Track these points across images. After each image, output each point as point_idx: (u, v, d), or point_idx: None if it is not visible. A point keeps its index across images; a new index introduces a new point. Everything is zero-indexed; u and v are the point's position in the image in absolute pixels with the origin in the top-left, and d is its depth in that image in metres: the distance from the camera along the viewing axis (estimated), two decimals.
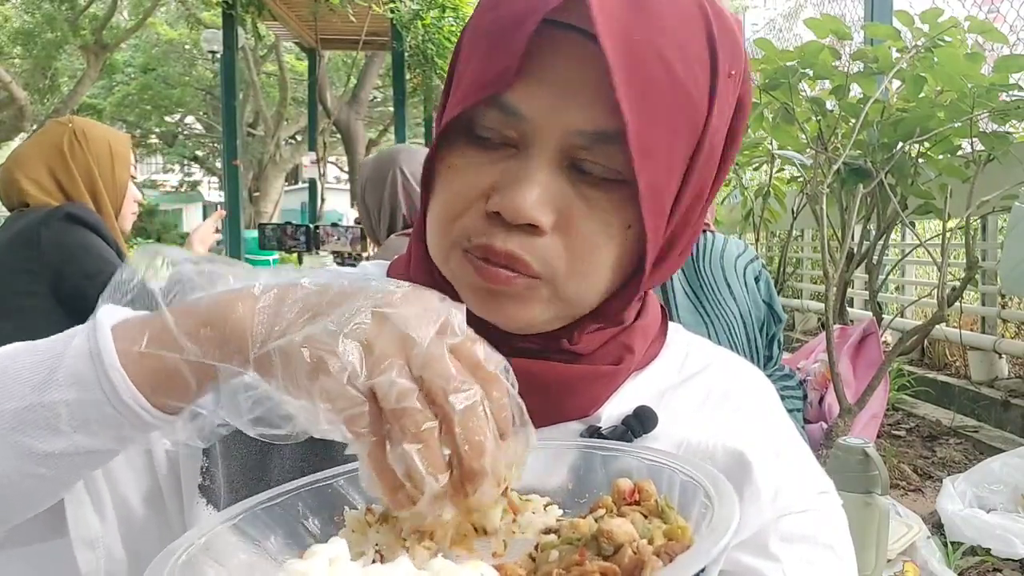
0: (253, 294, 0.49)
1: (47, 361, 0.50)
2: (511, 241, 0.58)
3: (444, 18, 8.22)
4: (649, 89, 0.55)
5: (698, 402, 0.70)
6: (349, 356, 0.44)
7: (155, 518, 0.65)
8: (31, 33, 14.86)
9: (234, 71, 7.81)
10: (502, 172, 0.59)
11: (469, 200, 0.60)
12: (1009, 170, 3.06)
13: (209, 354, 0.48)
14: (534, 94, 0.57)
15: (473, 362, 0.47)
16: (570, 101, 0.57)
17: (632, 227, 0.60)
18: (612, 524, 0.43)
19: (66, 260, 2.02)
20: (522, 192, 0.57)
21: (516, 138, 0.59)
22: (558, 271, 0.59)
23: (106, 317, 0.51)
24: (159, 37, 17.90)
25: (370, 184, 2.35)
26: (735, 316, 2.20)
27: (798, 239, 6.61)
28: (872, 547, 1.60)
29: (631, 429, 0.65)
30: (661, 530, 0.44)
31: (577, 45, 0.56)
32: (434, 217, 0.63)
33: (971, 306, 4.64)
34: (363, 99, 12.68)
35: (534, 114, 0.57)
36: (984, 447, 3.76)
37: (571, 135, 0.57)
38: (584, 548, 0.43)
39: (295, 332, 0.46)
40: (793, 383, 2.47)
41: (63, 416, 0.49)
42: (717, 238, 2.29)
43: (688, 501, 0.47)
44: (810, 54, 3.10)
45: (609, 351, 0.67)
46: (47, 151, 2.15)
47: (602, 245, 0.60)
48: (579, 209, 0.59)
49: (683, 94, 0.57)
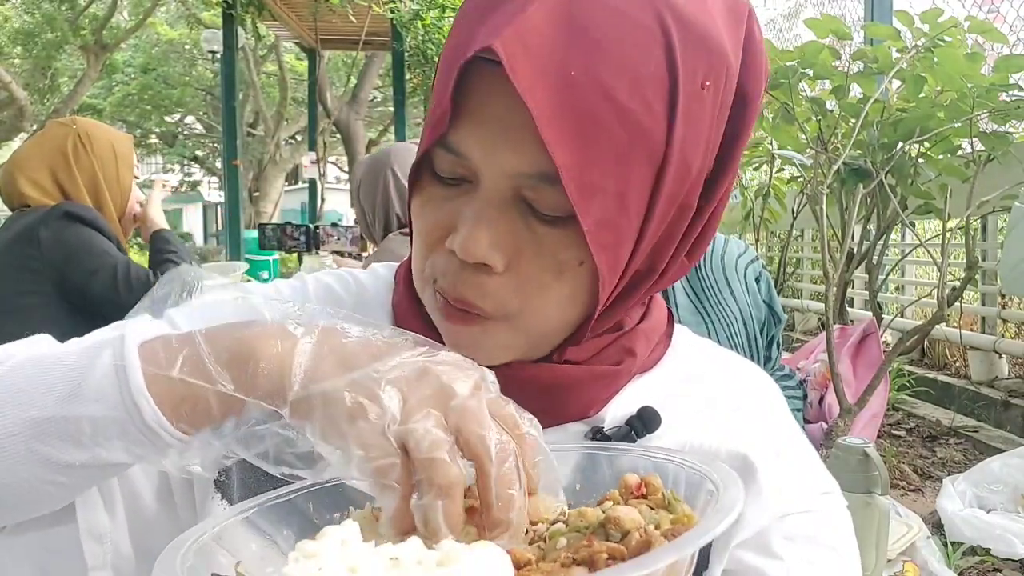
0: (292, 334, 0.50)
1: (74, 375, 0.50)
2: (464, 284, 0.58)
3: (444, 18, 8.21)
4: (587, 124, 0.53)
5: (702, 404, 0.70)
6: (389, 403, 0.45)
7: (165, 514, 0.65)
8: (31, 33, 14.86)
9: (234, 71, 7.81)
10: (458, 210, 0.59)
11: (433, 238, 0.61)
12: (1009, 170, 3.06)
13: (242, 389, 0.48)
14: (473, 135, 0.56)
15: (508, 420, 0.47)
16: (506, 143, 0.55)
17: (584, 263, 0.58)
18: (619, 511, 0.44)
19: (67, 258, 2.02)
20: (474, 233, 0.56)
21: (467, 176, 0.59)
22: (511, 310, 0.59)
23: (133, 333, 0.51)
24: (159, 37, 17.90)
25: (364, 185, 2.37)
26: (735, 316, 2.20)
27: (798, 239, 6.60)
28: (872, 547, 1.59)
29: (634, 430, 0.65)
30: (668, 519, 0.45)
31: (510, 86, 0.53)
32: (414, 250, 0.64)
33: (971, 306, 4.64)
34: (363, 99, 12.68)
35: (475, 156, 0.57)
36: (984, 447, 3.76)
37: (511, 176, 0.56)
38: (592, 535, 0.43)
39: (339, 378, 0.47)
40: (793, 383, 2.47)
41: (86, 431, 0.49)
42: (718, 238, 2.29)
43: (694, 493, 0.48)
44: (810, 54, 3.09)
45: (609, 354, 0.67)
46: (49, 153, 2.14)
47: (551, 283, 0.59)
48: (530, 247, 0.58)
49: (631, 123, 0.54)
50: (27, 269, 2.03)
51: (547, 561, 0.43)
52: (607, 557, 0.41)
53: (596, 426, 0.66)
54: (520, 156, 0.55)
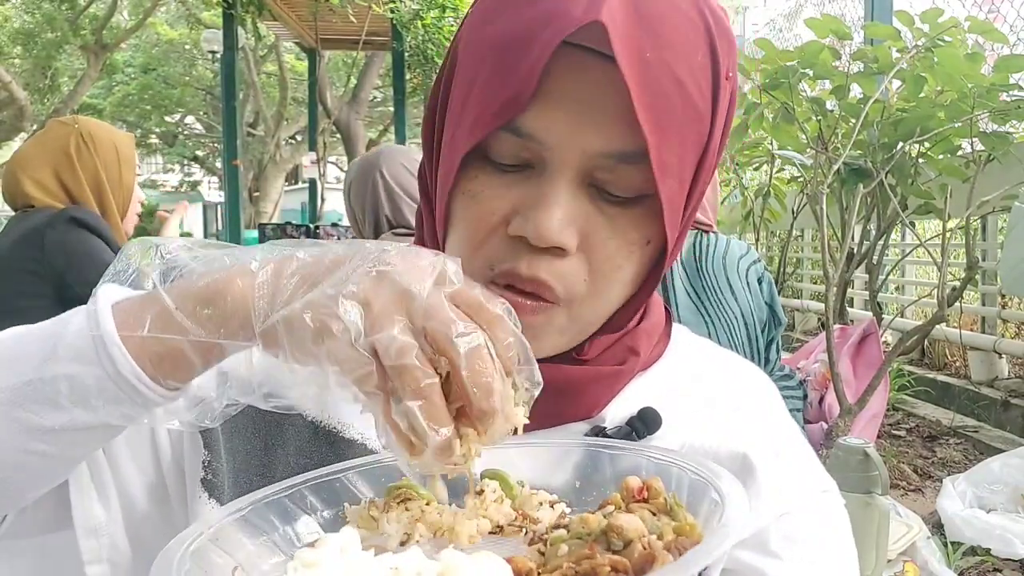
0: (250, 270, 0.50)
1: (48, 339, 0.50)
2: (537, 266, 0.58)
3: (444, 18, 8.21)
4: (662, 107, 0.55)
5: (701, 403, 0.70)
6: (350, 316, 0.45)
7: (159, 510, 0.65)
8: (31, 33, 14.85)
9: (234, 71, 7.80)
10: (522, 195, 0.58)
11: (489, 226, 0.59)
12: (1009, 170, 3.06)
13: (213, 333, 0.49)
14: (551, 117, 0.56)
15: (474, 306, 0.47)
16: (589, 124, 0.56)
17: (651, 242, 0.61)
18: (622, 519, 0.43)
19: (69, 265, 2.02)
20: (547, 214, 0.56)
21: (533, 159, 0.58)
22: (578, 293, 0.60)
23: (105, 296, 0.51)
24: (159, 37, 17.89)
25: (355, 187, 2.38)
26: (736, 316, 2.20)
27: (798, 239, 6.61)
28: (872, 547, 1.59)
29: (635, 430, 0.65)
30: (670, 527, 0.44)
31: (591, 66, 0.56)
32: (456, 246, 0.62)
33: (971, 306, 4.64)
34: (363, 99, 12.67)
35: (552, 138, 0.57)
36: (984, 447, 3.76)
37: (591, 157, 0.57)
38: (594, 543, 0.43)
39: (296, 301, 0.47)
40: (793, 383, 2.47)
41: (63, 391, 0.49)
42: (719, 239, 2.29)
43: (697, 499, 0.48)
44: (810, 54, 3.09)
45: (613, 354, 0.68)
46: (52, 153, 2.13)
47: (624, 263, 0.60)
48: (601, 229, 0.59)
49: (691, 107, 0.57)
50: (28, 271, 2.02)
51: (548, 569, 0.42)
52: (610, 570, 0.40)
53: (597, 426, 0.66)
54: (604, 136, 0.57)
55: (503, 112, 0.56)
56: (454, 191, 0.61)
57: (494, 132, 0.57)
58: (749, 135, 3.80)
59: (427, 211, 0.68)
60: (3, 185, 2.19)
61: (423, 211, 0.69)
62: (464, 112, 0.60)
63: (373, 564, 0.41)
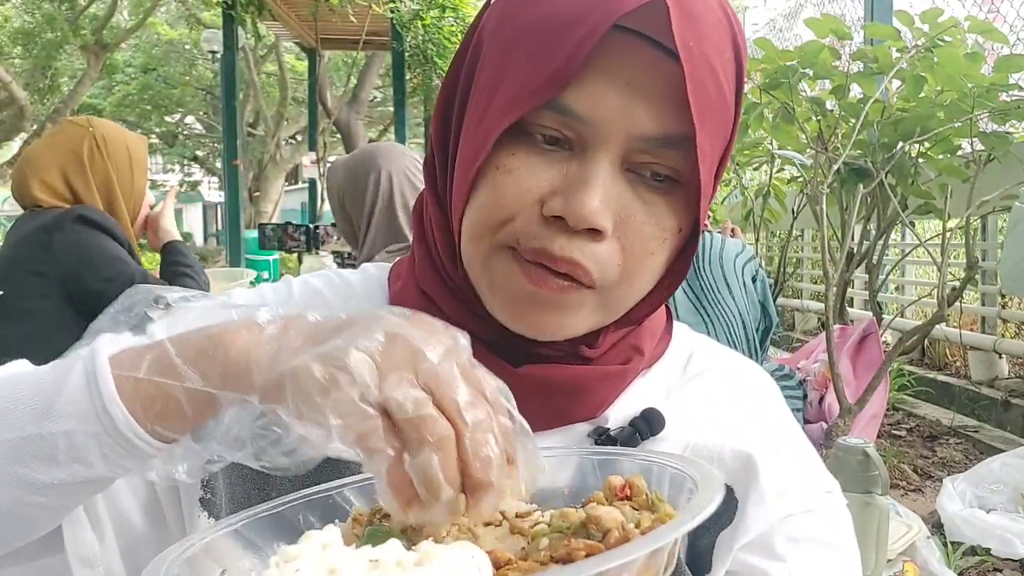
0: (258, 323, 0.49)
1: (47, 391, 0.49)
2: (572, 247, 0.57)
3: (444, 18, 8.21)
4: (703, 96, 0.56)
5: (704, 402, 0.70)
6: (361, 370, 0.44)
7: (155, 530, 0.64)
8: (31, 33, 14.85)
9: (234, 71, 7.80)
10: (561, 174, 0.58)
11: (523, 203, 0.58)
12: (1009, 170, 3.06)
13: (210, 382, 0.48)
14: (600, 95, 0.56)
15: (479, 386, 0.46)
16: (638, 105, 0.57)
17: (683, 230, 0.61)
18: (600, 511, 0.44)
19: (82, 264, 1.99)
20: (587, 195, 0.56)
21: (573, 139, 0.58)
22: (611, 278, 0.59)
23: (104, 346, 0.50)
24: (159, 37, 17.90)
25: (349, 191, 2.18)
26: (735, 316, 2.20)
27: (798, 239, 6.60)
28: (872, 547, 1.59)
29: (639, 431, 0.65)
30: (650, 518, 0.45)
31: (640, 49, 0.56)
32: (477, 218, 0.60)
33: (971, 306, 4.64)
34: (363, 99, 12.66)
35: (599, 117, 0.57)
36: (984, 447, 3.76)
37: (635, 139, 0.57)
38: (573, 535, 0.43)
39: (305, 354, 0.46)
40: (793, 383, 2.47)
41: (61, 447, 0.48)
42: (715, 238, 2.29)
43: (676, 492, 0.48)
44: (810, 54, 3.10)
45: (619, 352, 0.68)
46: (62, 154, 2.10)
47: (656, 249, 0.60)
48: (638, 213, 0.59)
49: (722, 99, 0.58)
50: (35, 273, 2.00)
51: (529, 562, 0.43)
52: (585, 554, 0.41)
53: (601, 427, 0.65)
54: (652, 119, 0.57)
55: (547, 87, 0.56)
56: (484, 166, 0.59)
57: (537, 109, 0.57)
58: (749, 135, 3.80)
59: (433, 199, 0.67)
60: (13, 183, 2.17)
61: (428, 200, 0.68)
62: (499, 90, 0.59)
63: (353, 557, 0.41)
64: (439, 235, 0.66)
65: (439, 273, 0.66)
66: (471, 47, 0.64)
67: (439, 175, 0.66)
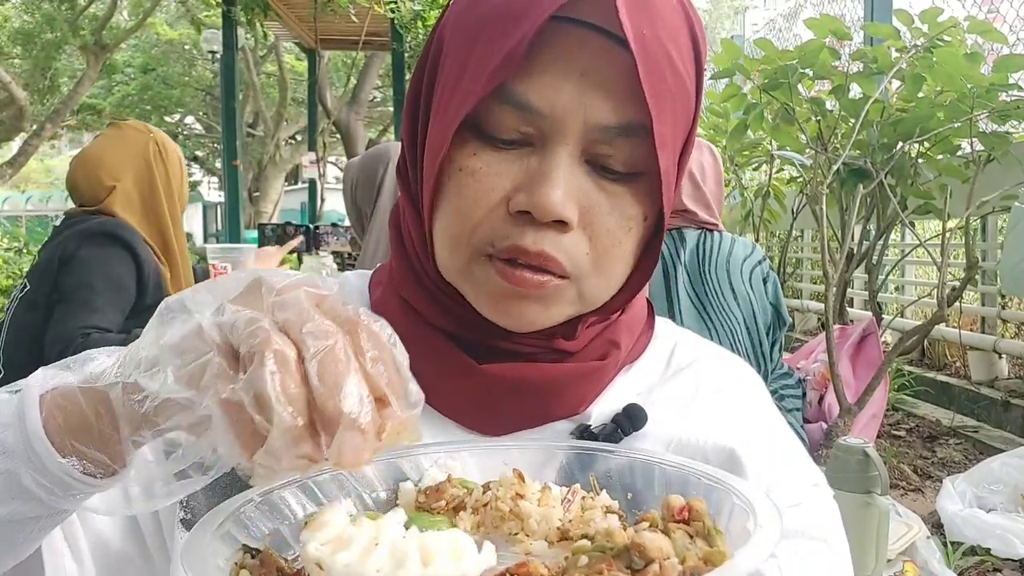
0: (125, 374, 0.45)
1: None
2: (543, 240, 0.58)
3: None
4: (659, 82, 0.57)
5: (687, 396, 0.70)
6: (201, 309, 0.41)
7: (136, 552, 0.64)
8: (31, 33, 14.85)
9: (234, 71, 7.80)
10: (523, 170, 0.58)
11: (489, 204, 0.59)
12: (1009, 170, 3.06)
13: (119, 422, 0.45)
14: (555, 89, 0.57)
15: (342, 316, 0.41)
16: (593, 95, 0.57)
17: (648, 218, 0.62)
18: (646, 538, 0.41)
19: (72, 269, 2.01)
20: (549, 189, 0.56)
21: (533, 134, 0.59)
22: (583, 269, 0.60)
23: (36, 385, 0.49)
24: (159, 37, 17.89)
25: (362, 182, 2.31)
26: (738, 321, 2.20)
27: (798, 239, 6.61)
28: (872, 547, 1.59)
29: (620, 427, 0.65)
30: (699, 553, 0.42)
31: (590, 40, 0.57)
32: (449, 226, 0.61)
33: (971, 306, 4.64)
34: (363, 99, 12.65)
35: (556, 109, 0.57)
36: (984, 447, 3.76)
37: (593, 129, 0.58)
38: (614, 558, 0.42)
39: None
40: (792, 382, 2.46)
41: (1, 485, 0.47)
42: (724, 238, 2.27)
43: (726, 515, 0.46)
44: (810, 54, 3.09)
45: (595, 347, 0.68)
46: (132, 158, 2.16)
47: (622, 239, 0.61)
48: (601, 204, 0.59)
49: (680, 84, 0.59)
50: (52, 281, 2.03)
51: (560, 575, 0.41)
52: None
53: (583, 424, 0.65)
54: (607, 107, 0.57)
55: (497, 73, 0.56)
56: (448, 168, 0.60)
57: (495, 107, 0.58)
58: (749, 135, 3.80)
59: (407, 201, 0.67)
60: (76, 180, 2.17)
61: (403, 204, 0.68)
62: (457, 87, 0.60)
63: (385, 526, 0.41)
64: (415, 233, 0.66)
65: (417, 275, 0.67)
66: (432, 48, 0.65)
67: (411, 175, 0.67)
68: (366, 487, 0.53)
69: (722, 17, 21.63)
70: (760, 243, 6.27)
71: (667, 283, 2.19)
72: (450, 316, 0.65)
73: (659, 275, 2.20)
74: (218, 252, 2.61)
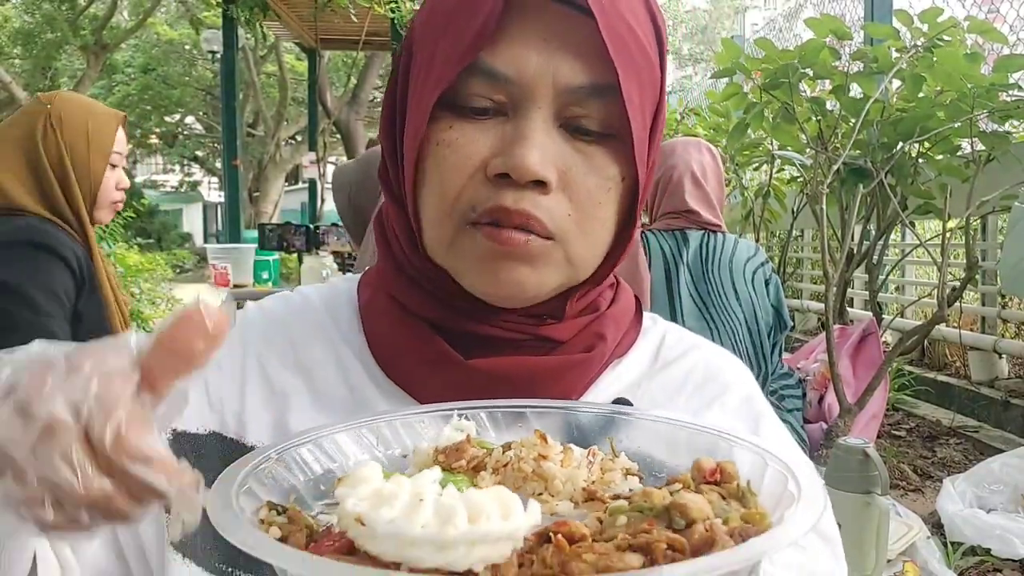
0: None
1: None
2: (523, 199, 0.58)
3: None
4: (623, 46, 0.58)
5: (675, 390, 0.70)
6: None
7: (128, 571, 0.63)
8: (31, 33, 14.86)
9: (234, 71, 7.81)
10: (499, 137, 0.59)
11: (468, 172, 0.60)
12: (1009, 170, 3.06)
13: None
14: (521, 55, 0.58)
15: None
16: (560, 59, 0.59)
17: (625, 179, 0.62)
18: (687, 498, 0.41)
19: None
20: (526, 150, 0.57)
21: (506, 102, 0.60)
22: (567, 231, 0.61)
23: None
24: (159, 37, 17.89)
25: (362, 181, 2.29)
26: (740, 321, 2.20)
27: (798, 239, 6.60)
28: (872, 547, 1.59)
29: None
30: (738, 513, 0.42)
31: (551, 9, 0.59)
32: (432, 199, 0.62)
33: (971, 306, 4.64)
34: (363, 99, 12.65)
35: (525, 75, 0.59)
36: (984, 447, 3.76)
37: (563, 92, 0.59)
38: (654, 519, 0.40)
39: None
40: (792, 382, 2.47)
41: None
42: (728, 239, 2.28)
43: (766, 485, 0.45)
44: (810, 54, 3.09)
45: (581, 339, 0.68)
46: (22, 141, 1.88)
47: (603, 200, 0.62)
48: (578, 165, 0.60)
49: (643, 52, 0.60)
50: None
51: (603, 538, 0.39)
52: (666, 547, 0.37)
53: None
54: (575, 70, 0.59)
55: (469, 51, 0.58)
56: (426, 146, 0.61)
57: (465, 80, 0.59)
58: (749, 135, 3.80)
59: (390, 199, 0.68)
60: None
61: (387, 204, 0.69)
62: (430, 73, 0.61)
63: None
64: (399, 227, 0.67)
65: (399, 265, 0.67)
66: (403, 54, 0.66)
67: (392, 171, 0.68)
68: (381, 445, 0.52)
69: (722, 17, 21.63)
70: (760, 243, 6.27)
71: (669, 283, 2.20)
72: (434, 301, 0.65)
73: (662, 274, 2.20)
74: (218, 252, 2.58)
